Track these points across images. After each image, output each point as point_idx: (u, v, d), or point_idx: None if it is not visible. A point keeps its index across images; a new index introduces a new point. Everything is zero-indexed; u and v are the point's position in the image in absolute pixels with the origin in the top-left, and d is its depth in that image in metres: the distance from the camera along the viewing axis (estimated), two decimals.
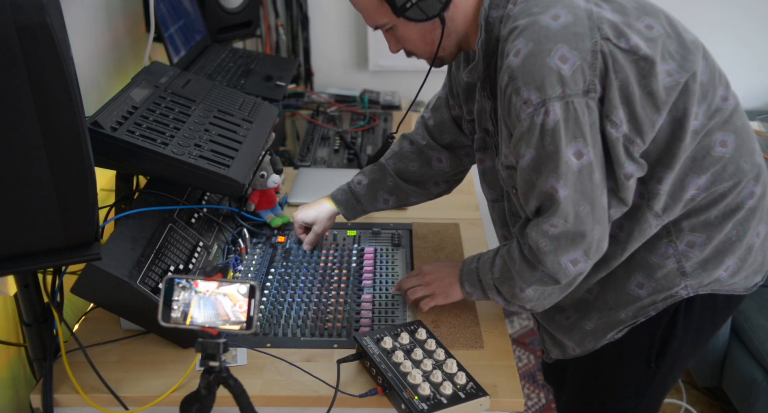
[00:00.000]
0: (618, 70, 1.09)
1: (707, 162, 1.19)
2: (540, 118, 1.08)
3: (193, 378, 1.25)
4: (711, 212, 1.22)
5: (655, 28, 1.13)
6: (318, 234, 1.60)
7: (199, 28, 2.23)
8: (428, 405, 1.13)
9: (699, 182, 1.19)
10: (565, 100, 1.07)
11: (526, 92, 1.08)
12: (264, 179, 1.69)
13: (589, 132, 1.10)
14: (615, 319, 1.30)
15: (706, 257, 1.25)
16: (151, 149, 1.30)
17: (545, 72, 1.06)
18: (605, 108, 1.10)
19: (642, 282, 1.26)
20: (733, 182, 1.21)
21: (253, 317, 0.95)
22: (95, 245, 1.04)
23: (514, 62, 1.09)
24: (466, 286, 1.35)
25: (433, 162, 1.56)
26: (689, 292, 1.26)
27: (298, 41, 2.78)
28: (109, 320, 1.38)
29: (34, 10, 0.84)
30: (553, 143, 1.09)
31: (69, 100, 0.90)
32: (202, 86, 1.66)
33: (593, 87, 1.08)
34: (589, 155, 1.11)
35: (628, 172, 1.14)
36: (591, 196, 1.13)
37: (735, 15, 2.74)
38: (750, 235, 1.26)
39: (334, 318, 1.40)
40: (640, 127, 1.12)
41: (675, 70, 1.12)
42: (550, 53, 1.06)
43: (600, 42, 1.08)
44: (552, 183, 1.12)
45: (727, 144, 1.20)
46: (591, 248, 1.16)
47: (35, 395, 1.21)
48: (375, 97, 2.63)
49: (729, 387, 2.26)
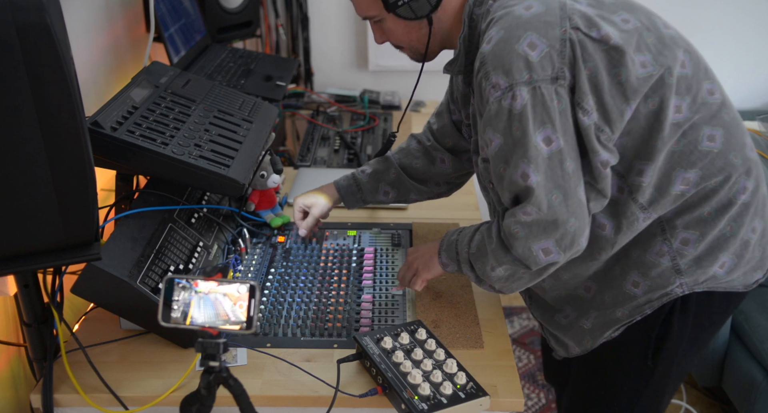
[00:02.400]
0: (587, 58, 1.10)
1: (695, 157, 1.19)
2: (507, 102, 1.11)
3: (193, 378, 1.25)
4: (704, 208, 1.22)
5: (631, 22, 1.15)
6: (315, 218, 1.60)
7: (199, 28, 2.23)
8: (428, 405, 1.13)
9: (687, 176, 1.19)
10: (533, 85, 1.09)
11: (495, 77, 1.11)
12: (264, 179, 1.69)
13: (559, 119, 1.11)
14: (611, 318, 1.30)
15: (700, 254, 1.24)
16: (151, 149, 1.30)
17: (513, 57, 1.09)
18: (576, 96, 1.12)
19: (637, 281, 1.26)
20: (723, 177, 1.21)
21: (253, 317, 0.95)
22: (95, 245, 1.04)
23: (486, 49, 1.13)
24: (443, 256, 1.36)
25: (437, 162, 1.58)
26: (684, 290, 1.26)
27: (298, 41, 2.78)
28: (109, 320, 1.38)
29: (34, 10, 0.84)
30: (520, 127, 1.11)
31: (69, 101, 0.90)
32: (202, 86, 1.66)
33: (562, 74, 1.10)
34: (558, 142, 1.12)
35: (603, 159, 1.14)
36: (563, 185, 1.14)
37: (734, 15, 2.74)
38: (744, 230, 1.25)
39: (334, 318, 1.40)
40: (609, 115, 1.13)
41: (650, 62, 1.13)
42: (519, 40, 1.10)
43: (569, 31, 1.11)
44: (523, 169, 1.13)
45: (715, 139, 1.20)
46: (564, 239, 1.16)
47: (35, 395, 1.21)
48: (375, 97, 2.63)
49: (729, 387, 2.26)
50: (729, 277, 1.28)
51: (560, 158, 1.12)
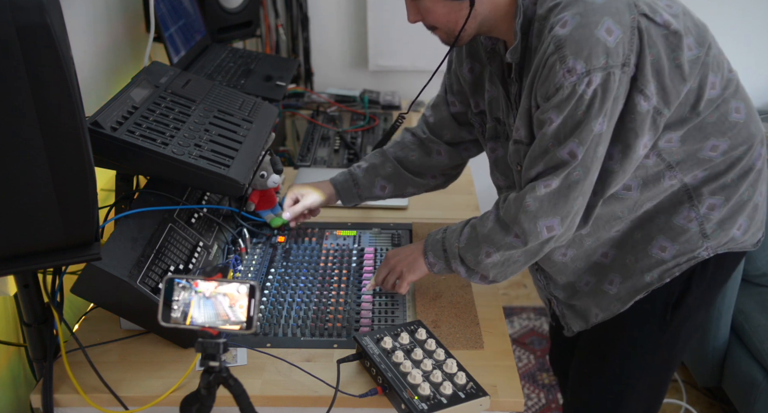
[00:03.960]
0: (651, 45, 1.14)
1: (725, 127, 1.27)
2: (582, 87, 1.12)
3: (193, 378, 1.25)
4: (728, 175, 1.30)
5: (674, 7, 1.20)
6: (304, 206, 1.60)
7: (199, 28, 2.23)
8: (428, 405, 1.13)
9: (717, 144, 1.27)
10: (607, 70, 1.12)
11: (572, 61, 1.12)
12: (264, 179, 1.69)
13: (612, 105, 1.15)
14: (641, 283, 1.36)
15: (723, 217, 1.32)
16: (151, 149, 1.30)
17: (593, 42, 1.11)
18: (639, 82, 1.15)
19: (665, 245, 1.32)
20: (747, 146, 1.29)
21: (253, 317, 0.95)
22: (95, 245, 1.04)
23: (562, 32, 1.13)
24: (430, 256, 1.37)
25: (433, 154, 1.60)
26: (710, 253, 1.33)
27: (298, 41, 2.78)
28: (109, 320, 1.38)
29: (34, 10, 0.84)
30: (586, 111, 1.14)
31: (69, 101, 0.90)
32: (202, 86, 1.66)
33: (628, 61, 1.13)
34: (603, 126, 1.16)
35: (644, 142, 1.20)
36: (588, 166, 1.18)
37: (734, 15, 2.74)
38: (757, 194, 1.35)
39: (334, 318, 1.40)
40: (668, 98, 1.18)
41: (694, 44, 1.18)
42: (598, 25, 1.11)
43: (638, 17, 1.13)
44: (572, 148, 1.17)
45: (741, 110, 1.28)
46: (569, 216, 1.22)
47: (35, 395, 1.21)
48: (375, 97, 2.63)
49: (729, 387, 2.26)
50: (744, 237, 1.36)
51: (598, 141, 1.17)
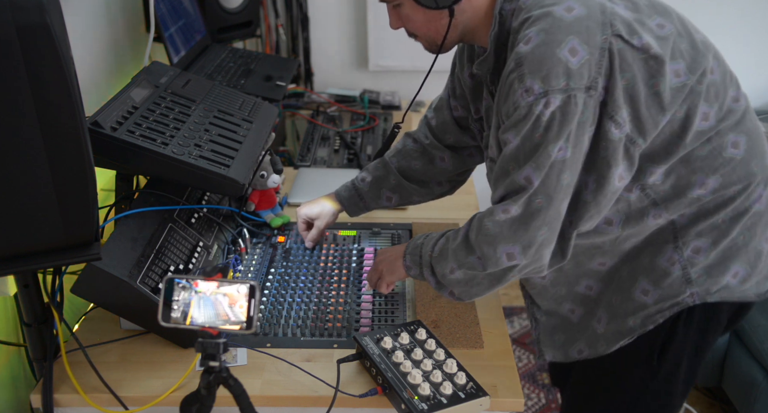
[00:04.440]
0: (625, 68, 1.07)
1: (718, 163, 1.18)
2: (539, 108, 1.07)
3: (193, 378, 1.25)
4: (719, 215, 1.21)
5: (667, 27, 1.12)
6: (320, 230, 1.59)
7: (199, 28, 2.22)
8: (428, 405, 1.13)
9: (707, 181, 1.18)
10: (567, 93, 1.06)
11: (530, 80, 1.07)
12: (264, 179, 1.69)
13: (576, 129, 1.09)
14: (624, 327, 1.29)
15: (712, 263, 1.23)
16: (151, 149, 1.30)
17: (553, 62, 1.06)
18: (609, 108, 1.09)
19: (647, 289, 1.25)
20: (743, 185, 1.20)
21: (253, 317, 0.95)
22: (95, 245, 1.04)
23: (523, 49, 1.08)
24: (407, 259, 1.33)
25: (436, 161, 1.55)
26: (695, 300, 1.24)
27: (298, 41, 2.77)
28: (109, 320, 1.38)
29: (34, 10, 0.84)
30: (544, 134, 1.09)
31: (69, 101, 0.90)
32: (202, 86, 1.66)
33: (595, 85, 1.07)
34: (566, 152, 1.10)
35: (620, 173, 1.13)
36: (552, 194, 1.11)
37: (734, 16, 2.74)
38: (758, 240, 1.24)
39: (334, 318, 1.40)
40: (643, 126, 1.11)
41: (683, 71, 1.11)
42: (561, 44, 1.06)
43: (610, 39, 1.07)
44: (528, 173, 1.11)
45: (739, 145, 1.19)
46: (531, 247, 1.14)
47: (35, 395, 1.21)
48: (375, 97, 2.63)
49: (729, 387, 2.26)
50: (743, 286, 1.25)
51: (561, 167, 1.10)
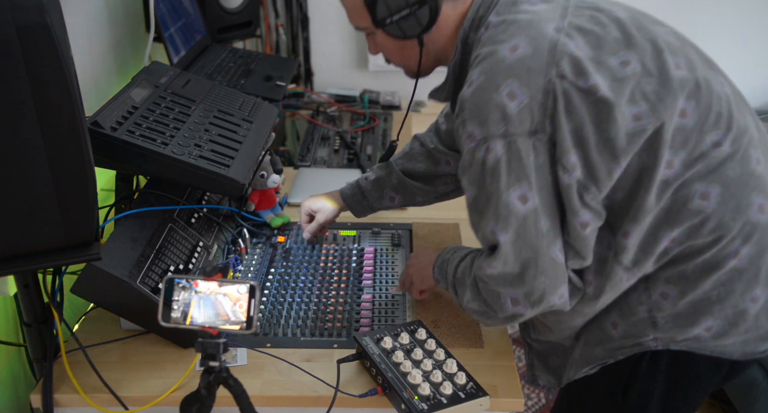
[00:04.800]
0: (572, 111, 1.02)
1: (683, 215, 1.08)
2: (481, 154, 1.05)
3: (193, 378, 1.25)
4: (687, 265, 1.11)
5: (631, 65, 1.04)
6: (320, 223, 1.59)
7: (199, 28, 2.22)
8: (428, 405, 1.13)
9: (672, 234, 1.09)
10: (508, 139, 1.03)
11: (471, 126, 1.05)
12: (264, 179, 1.69)
13: (535, 175, 1.04)
14: (592, 354, 1.23)
15: (680, 312, 1.14)
16: (151, 149, 1.30)
17: (491, 108, 1.03)
18: (557, 152, 1.04)
19: (616, 322, 1.18)
20: (713, 238, 1.09)
21: (253, 317, 0.95)
22: (95, 245, 1.04)
23: (466, 93, 1.06)
24: (436, 272, 1.31)
25: (442, 163, 1.54)
26: (658, 345, 1.16)
27: (298, 41, 2.77)
28: (109, 320, 1.38)
29: (34, 10, 0.84)
30: (493, 183, 1.06)
31: (69, 101, 0.90)
32: (202, 86, 1.66)
33: (542, 128, 1.02)
34: (534, 201, 1.05)
35: (583, 220, 1.06)
36: (536, 245, 1.07)
37: (734, 15, 2.74)
38: (737, 298, 1.12)
39: (334, 318, 1.40)
40: (595, 173, 1.04)
41: (645, 114, 1.03)
42: (498, 88, 1.02)
43: (554, 80, 1.01)
44: (492, 227, 1.08)
45: (709, 197, 1.07)
46: (533, 295, 1.10)
47: (35, 395, 1.21)
48: (375, 97, 2.63)
49: (729, 387, 2.26)
50: (718, 342, 1.15)
51: (535, 217, 1.06)
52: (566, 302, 1.13)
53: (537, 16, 1.08)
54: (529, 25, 1.06)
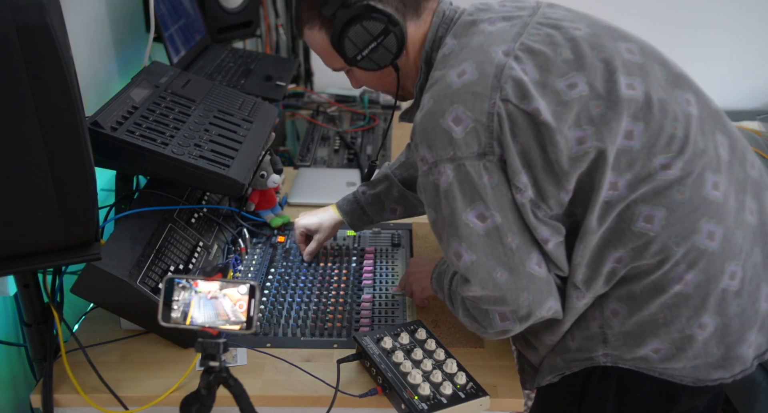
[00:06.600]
0: (517, 133, 1.04)
1: (626, 237, 1.08)
2: (434, 177, 1.08)
3: (193, 378, 1.25)
4: (635, 286, 1.11)
5: (579, 88, 1.04)
6: (320, 243, 1.57)
7: (199, 28, 2.23)
8: (428, 405, 1.13)
9: (617, 255, 1.09)
10: (457, 162, 1.05)
11: (422, 150, 1.08)
12: (264, 179, 1.69)
13: (492, 195, 1.06)
14: (553, 363, 1.24)
15: (628, 331, 1.14)
16: (151, 149, 1.30)
17: (438, 133, 1.05)
18: (508, 172, 1.06)
19: (575, 334, 1.19)
20: (656, 261, 1.08)
21: (253, 317, 0.95)
22: (95, 245, 1.04)
23: (418, 117, 1.09)
24: (434, 283, 1.31)
25: None
26: (608, 361, 1.16)
27: (298, 41, 2.78)
28: (109, 320, 1.38)
29: (34, 10, 0.84)
30: (449, 205, 1.08)
31: (69, 100, 0.90)
32: (202, 86, 1.66)
33: (490, 149, 1.04)
34: (494, 219, 1.06)
35: (543, 236, 1.08)
36: (507, 261, 1.07)
37: (734, 15, 2.74)
38: (683, 323, 1.10)
39: (334, 318, 1.40)
40: (545, 193, 1.06)
41: (589, 138, 1.03)
42: (444, 114, 1.05)
43: (499, 103, 1.03)
44: (455, 247, 1.09)
45: (653, 220, 1.06)
46: (519, 312, 1.11)
47: (35, 395, 1.21)
48: (375, 97, 2.63)
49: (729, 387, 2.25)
50: (667, 365, 1.14)
51: (499, 234, 1.06)
52: (558, 313, 1.15)
53: (488, 39, 1.10)
54: (479, 50, 1.09)
